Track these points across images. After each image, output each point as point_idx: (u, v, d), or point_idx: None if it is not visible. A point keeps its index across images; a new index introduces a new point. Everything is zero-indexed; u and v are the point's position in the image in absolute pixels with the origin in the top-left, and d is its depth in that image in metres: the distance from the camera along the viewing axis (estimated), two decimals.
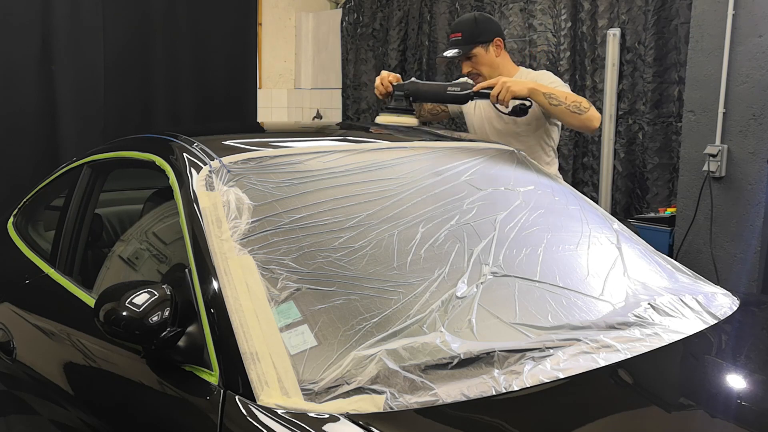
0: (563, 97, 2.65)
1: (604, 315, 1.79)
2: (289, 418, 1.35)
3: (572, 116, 2.65)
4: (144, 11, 4.97)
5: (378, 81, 2.87)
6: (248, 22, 5.65)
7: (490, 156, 2.34)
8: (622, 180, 4.44)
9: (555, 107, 2.65)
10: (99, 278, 2.20)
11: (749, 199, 3.51)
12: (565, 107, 2.64)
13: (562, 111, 2.65)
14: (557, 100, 2.64)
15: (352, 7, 6.14)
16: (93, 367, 1.89)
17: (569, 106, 2.64)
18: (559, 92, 2.68)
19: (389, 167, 2.08)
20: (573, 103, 2.65)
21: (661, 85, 4.22)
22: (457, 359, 1.50)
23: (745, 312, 2.05)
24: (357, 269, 1.69)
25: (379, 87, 2.86)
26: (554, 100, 2.64)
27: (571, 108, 2.64)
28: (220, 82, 5.42)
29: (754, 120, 3.47)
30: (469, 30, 2.92)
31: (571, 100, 2.65)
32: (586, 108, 2.65)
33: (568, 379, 1.51)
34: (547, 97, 2.64)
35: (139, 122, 4.88)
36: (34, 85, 4.53)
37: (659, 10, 4.18)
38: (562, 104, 2.64)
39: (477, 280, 1.76)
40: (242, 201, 1.75)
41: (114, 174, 2.52)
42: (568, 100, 2.65)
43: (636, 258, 2.13)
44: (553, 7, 4.70)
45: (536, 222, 2.06)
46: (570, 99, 2.66)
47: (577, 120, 2.66)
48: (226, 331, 1.52)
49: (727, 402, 1.56)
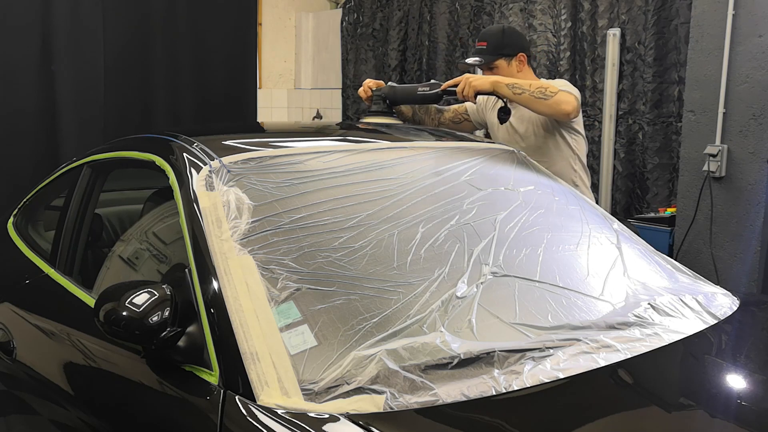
0: (527, 85, 2.64)
1: (604, 315, 1.79)
2: (289, 418, 1.35)
3: (538, 102, 2.62)
4: (144, 11, 4.97)
5: (361, 88, 3.01)
6: (248, 22, 5.65)
7: (490, 156, 2.34)
8: (622, 180, 4.44)
9: (519, 96, 2.63)
10: (99, 278, 2.20)
11: (749, 199, 3.51)
12: (529, 94, 2.62)
13: (527, 98, 2.63)
14: (520, 89, 2.62)
15: (352, 7, 6.14)
16: (93, 367, 1.89)
17: (533, 92, 2.61)
18: (522, 81, 2.68)
19: (389, 167, 2.08)
20: (537, 89, 2.62)
21: (661, 85, 4.22)
22: (457, 359, 1.50)
23: (745, 312, 2.05)
24: (357, 269, 1.69)
25: (361, 93, 3.00)
26: (517, 89, 2.63)
27: (536, 94, 2.61)
28: (220, 82, 5.42)
29: (754, 120, 3.47)
30: (494, 41, 2.95)
31: (535, 87, 2.63)
32: (553, 92, 2.61)
33: (568, 379, 1.51)
34: (510, 87, 2.63)
35: (139, 122, 4.88)
36: (34, 85, 4.53)
37: (659, 10, 4.18)
38: (525, 92, 2.61)
39: (477, 280, 1.76)
40: (242, 201, 1.75)
41: (114, 174, 2.52)
42: (532, 87, 2.63)
43: (636, 258, 2.13)
44: (553, 7, 4.70)
45: (536, 222, 2.06)
46: (535, 86, 2.63)
47: (545, 105, 2.63)
48: (226, 331, 1.52)
49: (727, 402, 1.56)
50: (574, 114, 2.70)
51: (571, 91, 2.72)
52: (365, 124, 2.79)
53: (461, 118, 3.18)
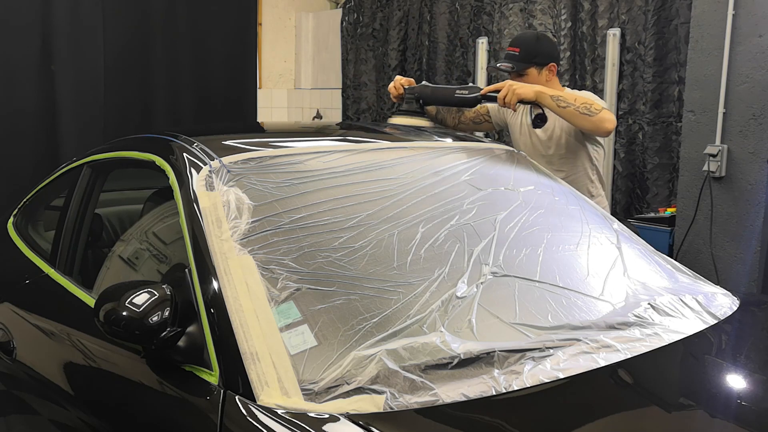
0: (572, 99, 2.61)
1: (604, 315, 1.79)
2: (289, 418, 1.35)
3: (582, 118, 2.60)
4: (144, 11, 4.97)
5: (391, 84, 2.91)
6: (248, 22, 5.65)
7: (490, 156, 2.34)
8: (622, 180, 4.44)
9: (563, 109, 2.60)
10: (99, 278, 2.20)
11: (749, 199, 3.51)
12: (574, 108, 2.59)
13: (571, 113, 2.60)
14: (565, 102, 2.60)
15: (352, 7, 6.14)
16: (93, 367, 1.89)
17: (578, 107, 2.59)
18: (567, 94, 2.65)
19: (389, 167, 2.08)
20: (582, 105, 2.60)
21: (661, 85, 4.22)
22: (457, 359, 1.50)
23: (745, 312, 2.05)
24: (357, 269, 1.69)
25: (392, 90, 2.89)
26: (562, 102, 2.60)
27: (581, 110, 2.59)
28: (220, 82, 5.42)
29: (754, 120, 3.47)
30: (527, 48, 2.90)
31: (580, 102, 2.60)
32: (597, 110, 2.60)
33: (568, 379, 1.51)
34: (555, 99, 2.60)
35: (139, 122, 4.88)
36: (34, 85, 4.53)
37: (659, 10, 4.18)
38: (570, 106, 2.59)
39: (477, 280, 1.76)
40: (242, 201, 1.75)
41: (114, 174, 2.52)
42: (577, 101, 2.60)
43: (636, 258, 2.13)
44: (553, 7, 4.70)
45: (536, 222, 2.06)
46: (580, 101, 2.61)
47: (588, 122, 2.61)
48: (226, 331, 1.52)
49: (727, 402, 1.56)
50: (612, 132, 2.71)
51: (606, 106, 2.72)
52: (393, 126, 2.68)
53: (482, 119, 3.14)
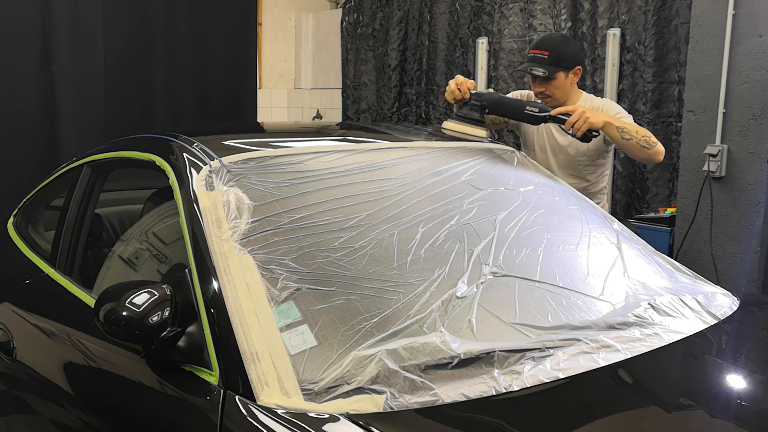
0: (634, 131, 2.69)
1: (604, 315, 1.79)
2: (289, 418, 1.35)
3: (642, 150, 2.69)
4: (144, 11, 4.97)
5: (454, 85, 2.72)
6: (248, 22, 5.65)
7: (490, 156, 2.34)
8: (622, 180, 4.43)
9: (627, 141, 2.68)
10: (99, 278, 2.20)
11: (749, 199, 3.51)
12: (636, 141, 2.68)
13: (633, 145, 2.68)
14: (629, 135, 2.67)
15: (352, 7, 6.14)
16: (93, 367, 1.89)
17: (640, 140, 2.68)
18: (630, 126, 2.72)
19: (389, 167, 2.08)
20: (643, 138, 2.69)
21: (661, 85, 4.22)
22: (457, 359, 1.50)
23: (745, 312, 2.05)
24: (357, 269, 1.69)
25: (456, 92, 2.72)
26: (626, 134, 2.68)
27: (642, 143, 2.68)
28: (220, 82, 5.42)
29: (754, 120, 3.47)
30: (557, 52, 2.89)
31: (641, 135, 2.69)
32: (654, 143, 2.70)
33: (568, 379, 1.51)
34: (620, 131, 2.67)
35: (139, 122, 4.88)
36: (34, 85, 4.53)
37: (659, 10, 4.18)
38: (633, 138, 2.67)
39: (477, 280, 1.75)
40: (242, 201, 1.75)
41: (114, 174, 2.52)
42: (639, 134, 2.68)
43: (636, 258, 2.13)
44: (553, 7, 4.70)
45: (536, 222, 2.06)
46: (641, 134, 2.69)
47: (645, 154, 2.71)
48: (226, 331, 1.52)
49: (727, 402, 1.56)
50: None
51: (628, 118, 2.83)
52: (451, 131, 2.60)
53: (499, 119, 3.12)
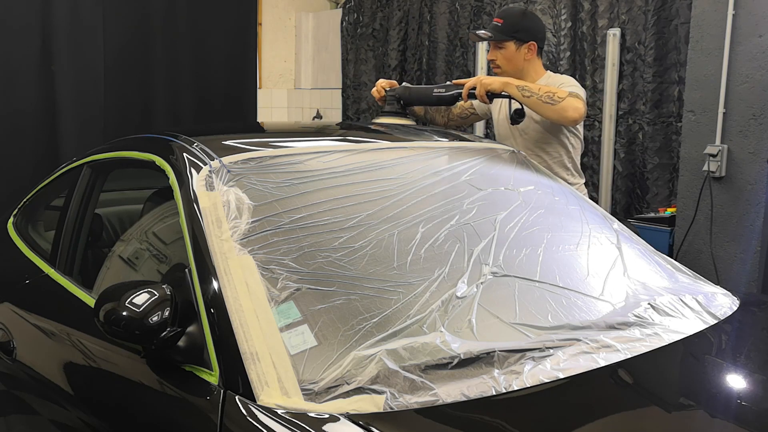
0: (536, 89, 2.68)
1: (604, 315, 1.79)
2: (289, 418, 1.35)
3: (545, 107, 2.66)
4: (144, 11, 4.97)
5: (374, 88, 3.01)
6: (248, 22, 5.65)
7: (490, 156, 2.34)
8: (622, 180, 4.44)
9: (527, 98, 2.68)
10: (99, 278, 2.20)
11: (749, 199, 3.51)
12: (537, 98, 2.66)
13: (534, 102, 2.67)
14: (529, 92, 2.67)
15: (352, 7, 6.14)
16: (93, 367, 1.89)
17: (541, 96, 2.66)
18: (533, 84, 2.72)
19: (389, 167, 2.08)
20: (546, 94, 2.66)
21: (661, 85, 4.22)
22: (457, 359, 1.50)
23: (745, 312, 2.05)
24: (357, 269, 1.69)
25: (374, 93, 3.00)
26: (526, 91, 2.68)
27: (543, 99, 2.66)
28: (220, 82, 5.41)
29: (754, 120, 3.47)
30: (511, 21, 2.96)
31: (544, 91, 2.67)
32: (561, 98, 2.65)
33: (568, 379, 1.51)
34: (520, 89, 2.68)
35: (139, 122, 4.88)
36: (34, 85, 4.53)
37: (659, 10, 4.18)
38: (533, 95, 2.66)
39: (477, 280, 1.75)
40: (242, 201, 1.75)
41: (114, 174, 2.52)
42: (541, 91, 2.67)
43: (636, 258, 2.13)
44: (553, 7, 4.70)
45: (536, 222, 2.06)
46: (543, 90, 2.68)
47: (551, 111, 2.67)
48: (226, 331, 1.52)
49: (727, 402, 1.56)
50: (579, 121, 2.75)
51: (580, 93, 2.75)
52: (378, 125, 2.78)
53: (468, 112, 3.20)
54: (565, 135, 2.92)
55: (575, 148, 2.97)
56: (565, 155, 2.94)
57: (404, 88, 2.93)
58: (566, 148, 2.94)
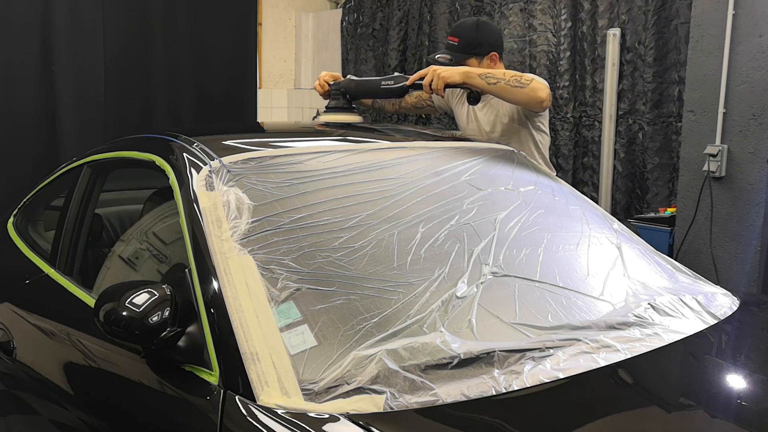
0: (501, 74, 2.57)
1: (604, 315, 1.79)
2: (289, 418, 1.35)
3: (514, 91, 2.55)
4: (144, 11, 4.97)
5: (316, 82, 2.84)
6: (248, 22, 5.64)
7: (490, 156, 2.34)
8: (622, 180, 4.44)
9: (494, 86, 2.55)
10: (99, 278, 2.20)
11: (749, 199, 3.51)
12: (505, 83, 2.54)
13: (502, 88, 2.55)
14: (495, 78, 2.55)
15: (352, 7, 6.14)
16: (93, 367, 1.89)
17: (509, 81, 2.54)
18: (496, 71, 2.60)
19: (389, 167, 2.08)
20: (513, 78, 2.56)
21: (661, 85, 4.22)
22: (457, 359, 1.50)
23: (745, 312, 2.05)
24: (357, 269, 1.69)
25: (317, 87, 2.83)
26: (491, 78, 2.55)
27: (511, 83, 2.54)
28: (220, 82, 5.41)
29: (754, 120, 3.47)
30: (467, 38, 2.87)
31: (510, 76, 2.56)
32: (528, 81, 2.56)
33: (568, 379, 1.51)
34: (483, 77, 2.55)
35: (139, 122, 4.88)
36: (34, 85, 4.52)
37: (659, 10, 4.18)
38: (500, 81, 2.55)
39: (477, 280, 1.75)
40: (242, 201, 1.75)
41: (114, 174, 2.52)
42: (506, 76, 2.56)
43: (636, 258, 2.13)
44: (553, 7, 4.70)
45: (536, 222, 2.06)
46: (509, 75, 2.57)
47: (521, 94, 2.56)
48: (226, 331, 1.52)
49: (727, 402, 1.56)
50: (548, 102, 2.64)
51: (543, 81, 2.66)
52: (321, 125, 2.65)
53: (424, 103, 3.11)
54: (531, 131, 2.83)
55: (543, 143, 2.88)
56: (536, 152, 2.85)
57: (349, 81, 2.73)
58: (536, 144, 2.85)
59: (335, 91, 2.73)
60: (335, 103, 2.72)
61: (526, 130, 2.84)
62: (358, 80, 2.76)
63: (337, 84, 2.74)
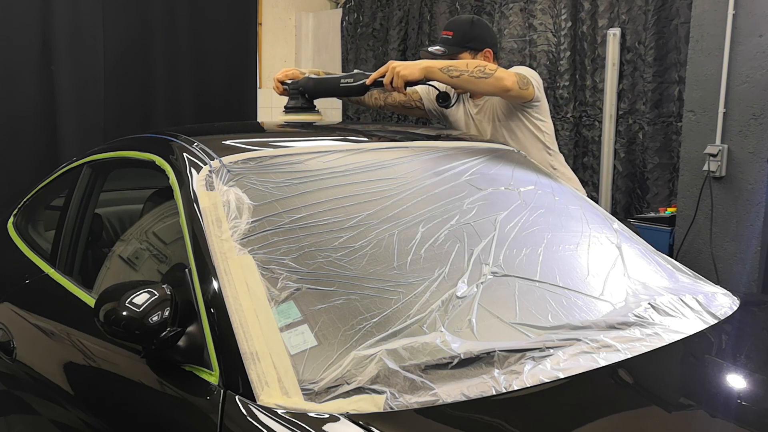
0: (463, 65, 2.47)
1: (604, 315, 1.79)
2: (289, 418, 1.35)
3: (479, 82, 2.45)
4: (144, 11, 4.97)
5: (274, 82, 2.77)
6: (248, 22, 5.65)
7: (490, 156, 2.34)
8: (622, 180, 4.44)
9: (457, 78, 2.45)
10: (99, 278, 2.20)
11: (749, 199, 3.51)
12: (468, 75, 2.45)
13: (466, 80, 2.46)
14: (457, 70, 2.45)
15: (352, 7, 6.14)
16: (93, 367, 1.89)
17: (472, 72, 2.45)
18: (459, 62, 2.51)
19: (389, 167, 2.08)
20: (476, 68, 2.46)
21: (661, 85, 4.22)
22: (457, 359, 1.50)
23: (745, 312, 2.05)
24: (357, 269, 1.69)
25: (274, 88, 2.76)
26: (453, 71, 2.45)
27: (475, 74, 2.45)
28: (220, 82, 5.41)
29: (754, 120, 3.47)
30: (461, 32, 2.82)
31: (473, 66, 2.47)
32: (492, 70, 2.47)
33: (568, 379, 1.51)
34: (445, 71, 2.45)
35: (139, 122, 4.88)
36: (34, 85, 4.53)
37: (659, 10, 4.18)
38: (463, 73, 2.45)
39: (477, 279, 1.75)
40: (242, 201, 1.75)
41: (114, 174, 2.52)
42: (469, 66, 2.47)
43: (636, 258, 2.13)
44: (553, 6, 4.70)
45: (536, 222, 2.06)
46: (472, 65, 2.48)
47: (486, 84, 2.47)
48: (226, 331, 1.52)
49: (727, 402, 1.56)
50: (516, 90, 2.53)
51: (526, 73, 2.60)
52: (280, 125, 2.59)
53: (414, 104, 3.03)
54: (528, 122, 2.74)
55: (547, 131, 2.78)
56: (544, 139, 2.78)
57: (307, 80, 2.66)
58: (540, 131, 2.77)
59: (293, 91, 2.67)
60: (294, 103, 2.67)
61: (519, 117, 2.76)
62: (317, 79, 2.69)
63: (295, 83, 2.68)
